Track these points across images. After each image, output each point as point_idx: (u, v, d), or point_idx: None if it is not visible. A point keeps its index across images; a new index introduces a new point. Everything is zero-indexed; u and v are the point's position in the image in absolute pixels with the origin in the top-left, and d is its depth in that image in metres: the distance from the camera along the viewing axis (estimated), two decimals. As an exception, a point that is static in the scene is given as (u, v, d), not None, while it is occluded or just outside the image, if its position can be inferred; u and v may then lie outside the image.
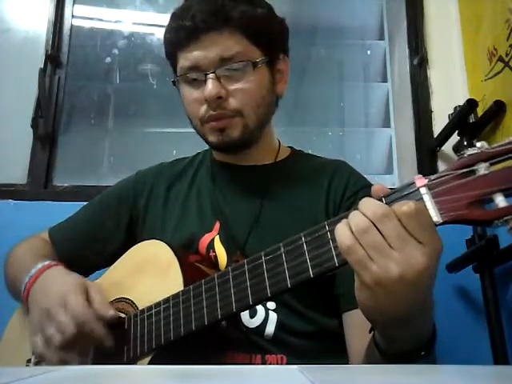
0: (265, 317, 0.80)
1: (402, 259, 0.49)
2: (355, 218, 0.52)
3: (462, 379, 0.43)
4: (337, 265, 0.56)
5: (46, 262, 0.85)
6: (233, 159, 0.93)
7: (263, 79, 0.86)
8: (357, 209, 0.53)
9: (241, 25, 0.82)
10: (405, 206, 0.50)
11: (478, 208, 0.50)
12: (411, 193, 0.53)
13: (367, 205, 0.52)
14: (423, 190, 0.52)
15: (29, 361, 0.86)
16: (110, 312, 0.74)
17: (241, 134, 0.85)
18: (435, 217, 0.51)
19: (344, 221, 0.53)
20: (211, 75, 0.81)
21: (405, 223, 0.50)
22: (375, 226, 0.51)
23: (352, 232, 0.51)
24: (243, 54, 0.82)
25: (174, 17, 0.86)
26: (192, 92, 0.85)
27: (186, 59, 0.83)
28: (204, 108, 0.84)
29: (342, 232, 0.52)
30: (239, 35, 0.82)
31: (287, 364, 0.78)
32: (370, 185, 0.90)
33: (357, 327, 0.76)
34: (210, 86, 0.81)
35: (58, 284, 0.79)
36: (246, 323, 0.80)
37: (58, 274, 0.82)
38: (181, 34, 0.83)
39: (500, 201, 0.49)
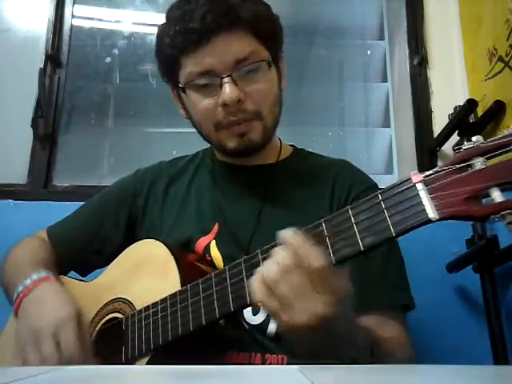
0: (268, 314, 0.80)
1: (306, 309, 0.55)
2: (268, 269, 0.57)
3: (462, 379, 0.43)
4: (333, 263, 0.56)
5: (42, 275, 0.82)
6: (236, 159, 0.93)
7: (274, 78, 0.86)
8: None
9: (251, 25, 0.80)
10: (311, 261, 0.55)
11: (474, 203, 0.50)
12: (407, 189, 0.53)
13: (278, 256, 0.57)
14: (419, 186, 0.52)
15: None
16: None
17: (261, 137, 0.84)
18: (431, 213, 0.50)
19: (259, 272, 0.58)
20: (227, 79, 0.78)
21: (309, 275, 0.55)
22: (284, 277, 0.56)
23: (265, 284, 0.57)
24: (256, 54, 0.81)
25: (174, 20, 0.80)
26: (202, 99, 0.81)
27: (196, 64, 0.79)
28: (221, 114, 0.80)
29: (256, 285, 0.58)
30: (249, 35, 0.80)
31: (287, 364, 0.77)
32: (375, 185, 0.90)
33: None
34: (229, 89, 0.77)
35: (51, 306, 0.76)
36: (248, 320, 0.79)
37: (51, 293, 0.79)
38: (189, 38, 0.78)
39: (496, 196, 0.49)
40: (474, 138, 0.51)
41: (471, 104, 1.34)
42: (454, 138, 1.42)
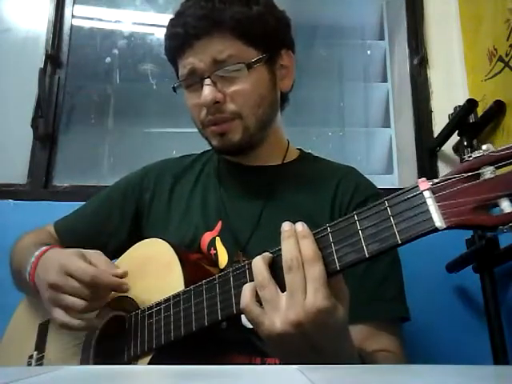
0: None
1: (286, 315, 0.55)
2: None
3: (462, 379, 0.43)
4: (338, 269, 0.56)
5: (43, 248, 0.85)
6: (240, 159, 0.93)
7: (261, 79, 0.85)
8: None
9: (232, 27, 0.81)
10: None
11: (482, 213, 0.48)
12: (414, 196, 0.52)
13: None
14: (427, 194, 0.51)
15: (31, 357, 0.87)
16: (118, 270, 0.77)
17: (241, 138, 0.85)
18: (438, 222, 0.49)
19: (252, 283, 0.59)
20: (207, 80, 0.82)
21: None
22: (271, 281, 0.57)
23: (254, 290, 0.58)
24: (236, 57, 0.82)
25: (169, 23, 0.87)
26: (192, 97, 0.86)
27: (184, 66, 0.85)
28: (204, 112, 0.85)
29: (244, 288, 0.59)
30: (231, 38, 0.82)
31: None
32: (379, 193, 0.90)
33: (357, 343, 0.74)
34: (206, 91, 0.82)
35: (56, 258, 0.79)
36: (245, 324, 0.79)
37: (57, 251, 0.83)
38: (175, 43, 0.85)
39: (506, 206, 0.47)
40: (483, 147, 0.49)
41: (471, 104, 1.34)
42: (454, 138, 1.42)
